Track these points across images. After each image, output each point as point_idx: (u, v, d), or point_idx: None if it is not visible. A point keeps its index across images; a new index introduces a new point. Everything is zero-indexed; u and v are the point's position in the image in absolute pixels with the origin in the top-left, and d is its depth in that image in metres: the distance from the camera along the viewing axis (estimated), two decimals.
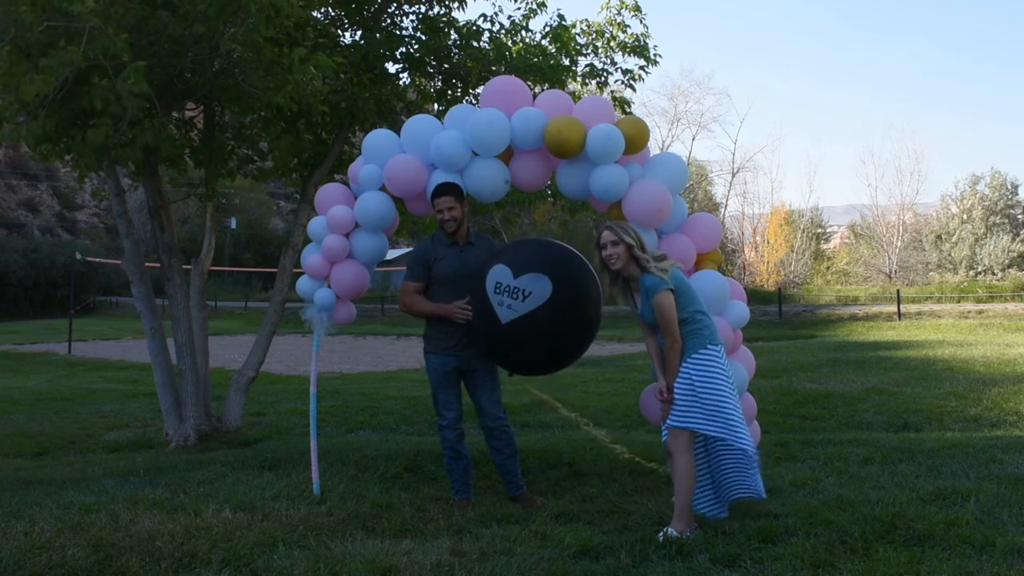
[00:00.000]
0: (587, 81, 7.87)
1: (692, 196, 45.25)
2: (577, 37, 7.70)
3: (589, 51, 7.76)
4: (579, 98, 4.91)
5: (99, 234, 53.74)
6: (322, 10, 7.27)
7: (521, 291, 4.25)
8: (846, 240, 55.04)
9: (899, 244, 46.08)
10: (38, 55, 5.14)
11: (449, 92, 7.61)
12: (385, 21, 7.50)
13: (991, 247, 45.63)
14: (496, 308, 4.29)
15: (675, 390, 3.96)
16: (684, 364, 3.96)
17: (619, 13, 7.77)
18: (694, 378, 3.93)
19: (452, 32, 7.42)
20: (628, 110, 8.09)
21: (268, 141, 7.51)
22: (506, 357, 4.50)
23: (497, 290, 4.30)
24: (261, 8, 5.37)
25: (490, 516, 4.25)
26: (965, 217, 48.07)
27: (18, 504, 4.69)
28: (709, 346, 3.97)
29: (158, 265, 7.58)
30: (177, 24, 5.49)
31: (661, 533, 3.80)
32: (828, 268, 47.98)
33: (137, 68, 5.11)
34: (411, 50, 7.44)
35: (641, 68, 7.85)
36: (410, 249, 50.30)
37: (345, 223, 4.79)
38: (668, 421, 3.98)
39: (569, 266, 4.42)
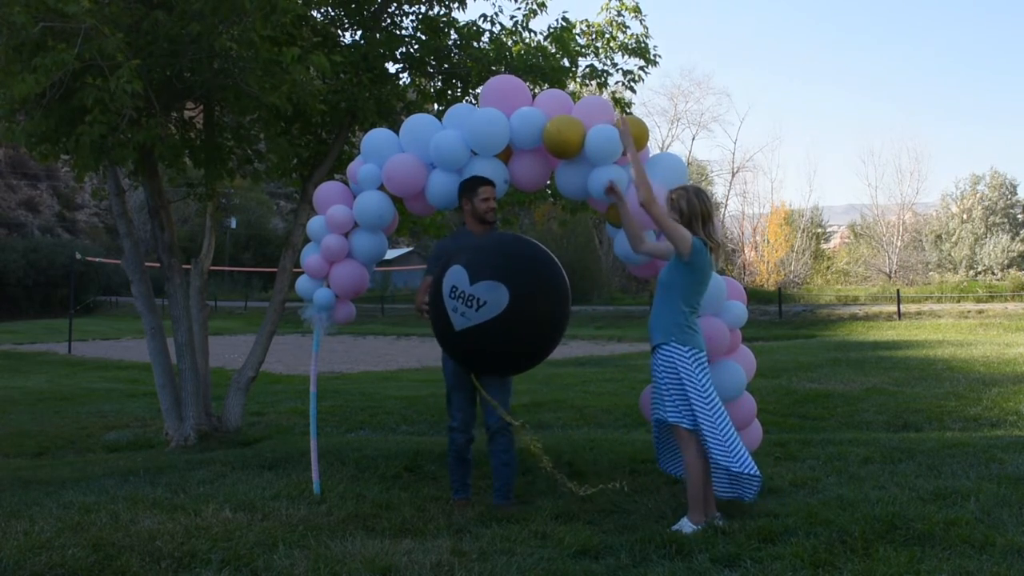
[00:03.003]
0: (587, 82, 7.87)
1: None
2: (577, 38, 7.70)
3: (589, 52, 7.76)
4: (579, 98, 4.91)
5: (99, 234, 53.71)
6: (321, 10, 7.27)
7: (476, 299, 4.05)
8: (846, 240, 55.04)
9: (899, 244, 46.08)
10: (30, 56, 5.14)
11: (449, 92, 7.61)
12: (385, 21, 7.50)
13: (991, 247, 45.68)
14: (450, 314, 4.13)
15: (655, 381, 4.11)
16: (654, 355, 4.08)
17: (619, 14, 7.78)
18: (661, 372, 4.04)
19: (452, 32, 7.42)
20: (628, 110, 8.09)
21: (267, 141, 7.51)
22: (461, 361, 4.41)
23: (452, 295, 4.13)
24: (259, 7, 5.37)
25: (490, 516, 4.25)
26: (965, 217, 48.12)
27: (18, 504, 4.69)
28: (673, 343, 4.01)
29: (158, 265, 7.58)
30: (173, 24, 5.48)
31: (676, 526, 3.89)
32: (828, 268, 47.96)
33: (131, 67, 5.10)
34: (411, 50, 7.44)
35: (641, 69, 7.85)
36: (410, 249, 50.27)
37: (344, 222, 4.79)
38: (655, 409, 4.17)
39: (529, 275, 4.19)
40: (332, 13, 7.42)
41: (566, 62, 7.53)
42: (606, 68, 7.81)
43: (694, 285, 4.05)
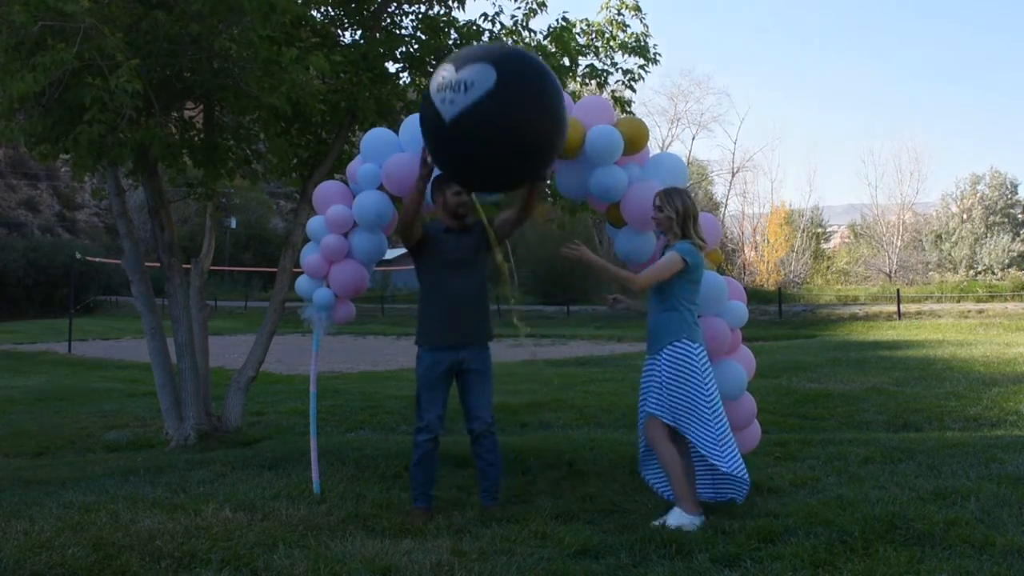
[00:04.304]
0: (587, 81, 7.87)
1: (692, 196, 45.16)
2: (577, 37, 7.70)
3: (589, 52, 7.76)
4: (579, 98, 4.90)
5: (99, 234, 53.68)
6: (321, 9, 7.27)
7: (463, 83, 3.77)
8: (846, 240, 55.01)
9: (899, 244, 46.06)
10: (29, 55, 5.14)
11: None
12: (385, 21, 7.50)
13: (991, 247, 45.66)
14: (439, 107, 3.85)
15: (653, 380, 4.10)
16: (660, 355, 4.09)
17: (619, 13, 7.77)
18: (668, 371, 4.04)
19: (452, 32, 7.42)
20: (628, 110, 8.09)
21: (267, 141, 7.51)
22: (455, 163, 4.11)
23: (439, 89, 3.87)
24: (257, 7, 5.36)
25: (490, 516, 4.24)
26: (965, 217, 48.09)
27: (18, 504, 4.69)
28: (685, 340, 4.05)
29: (158, 265, 7.58)
30: (173, 24, 5.48)
31: (660, 520, 3.92)
32: (828, 268, 47.96)
33: (131, 67, 5.10)
34: (411, 50, 7.43)
35: (641, 67, 7.85)
36: None
37: (343, 222, 4.79)
38: (644, 411, 4.16)
39: (516, 56, 4.00)
40: (332, 13, 7.42)
41: (566, 61, 7.53)
42: (606, 68, 7.81)
43: (692, 284, 4.11)
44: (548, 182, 5.88)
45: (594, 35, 7.78)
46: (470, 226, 4.53)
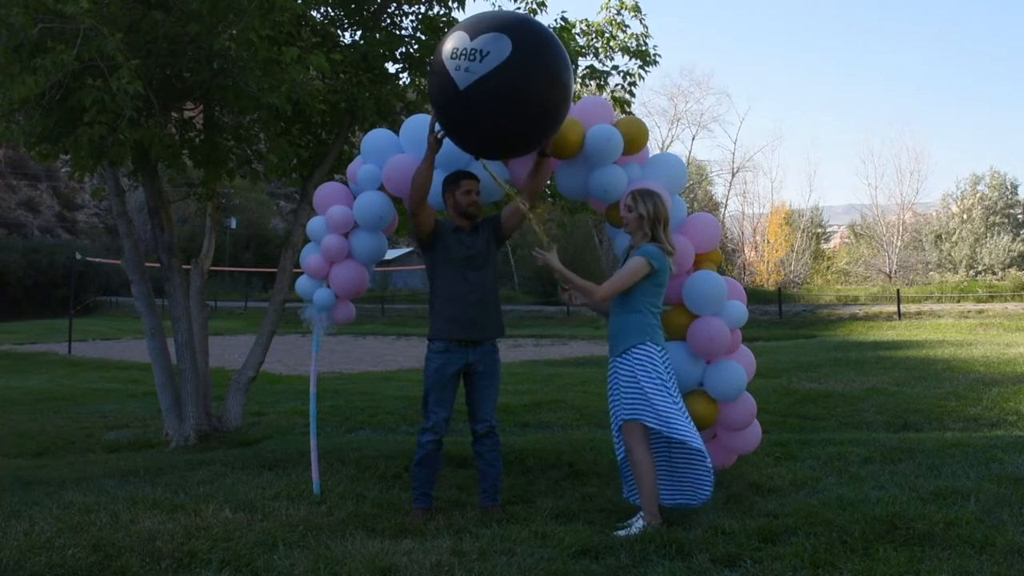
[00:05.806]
0: (587, 82, 7.87)
1: (692, 196, 45.26)
2: (577, 37, 7.70)
3: (589, 52, 7.76)
4: (578, 98, 4.90)
5: (99, 234, 53.72)
6: (321, 9, 7.27)
7: (478, 52, 3.83)
8: (846, 240, 55.07)
9: (899, 244, 46.09)
10: (29, 57, 5.14)
11: None
12: (385, 21, 7.50)
13: (991, 247, 45.70)
14: (453, 74, 3.91)
15: (620, 384, 4.09)
16: (624, 357, 4.07)
17: (619, 13, 7.78)
18: (637, 372, 4.02)
19: None
20: (628, 110, 8.09)
21: (267, 141, 7.51)
22: (468, 129, 4.13)
23: (454, 56, 3.93)
24: (257, 6, 5.36)
25: (490, 516, 4.25)
26: (965, 217, 48.17)
27: (18, 504, 4.69)
28: (648, 343, 4.04)
29: (158, 265, 7.58)
30: (172, 24, 5.48)
31: (623, 531, 3.87)
32: (828, 268, 48.02)
33: (131, 67, 5.10)
34: (411, 50, 7.44)
35: (641, 68, 7.86)
36: (410, 249, 50.24)
37: (344, 223, 4.79)
38: (618, 417, 4.15)
39: (531, 27, 4.05)
40: (332, 13, 7.42)
41: None
42: (606, 69, 7.81)
43: (656, 288, 4.10)
44: (549, 183, 5.89)
45: (594, 35, 7.78)
46: (478, 225, 4.53)
